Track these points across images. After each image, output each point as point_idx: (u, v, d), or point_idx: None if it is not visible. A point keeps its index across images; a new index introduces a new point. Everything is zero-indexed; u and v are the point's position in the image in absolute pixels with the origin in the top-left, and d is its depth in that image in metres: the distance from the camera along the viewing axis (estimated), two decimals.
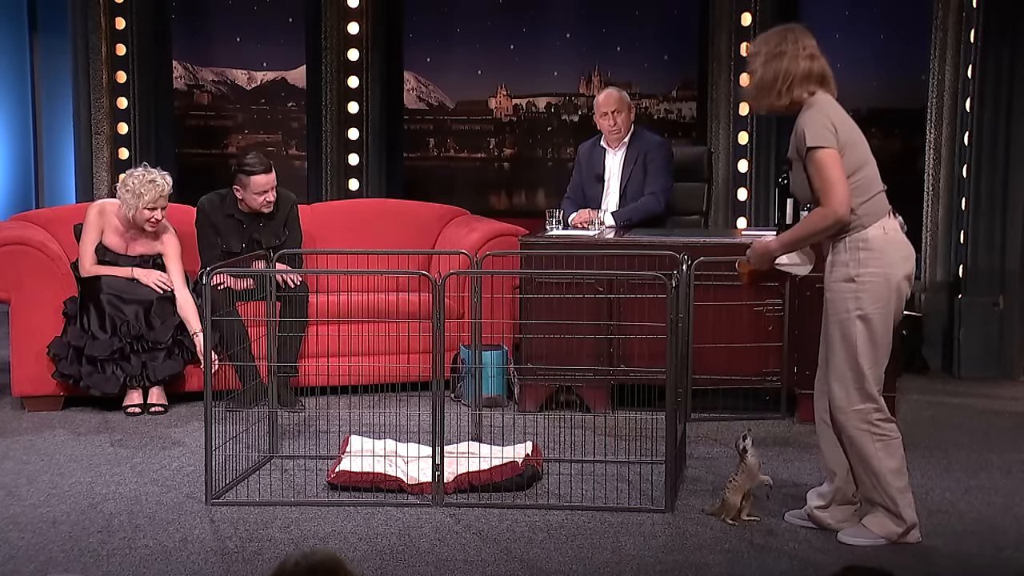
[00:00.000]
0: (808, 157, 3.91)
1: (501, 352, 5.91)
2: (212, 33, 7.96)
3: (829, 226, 3.92)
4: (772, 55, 4.01)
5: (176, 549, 4.01)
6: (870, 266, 3.94)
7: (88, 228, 5.84)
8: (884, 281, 3.95)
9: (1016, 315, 6.67)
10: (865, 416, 3.99)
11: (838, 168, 3.88)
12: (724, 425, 5.56)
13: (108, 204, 5.93)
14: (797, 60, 3.99)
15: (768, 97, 4.04)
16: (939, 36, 6.83)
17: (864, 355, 3.96)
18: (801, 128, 3.94)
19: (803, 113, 3.98)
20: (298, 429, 5.43)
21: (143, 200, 5.72)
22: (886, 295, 3.95)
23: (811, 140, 3.89)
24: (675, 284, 4.41)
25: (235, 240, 5.99)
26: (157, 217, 5.78)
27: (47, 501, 4.50)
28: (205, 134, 7.95)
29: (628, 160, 6.27)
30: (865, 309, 3.94)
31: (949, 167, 6.89)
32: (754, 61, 4.07)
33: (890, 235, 3.97)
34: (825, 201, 3.89)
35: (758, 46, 4.09)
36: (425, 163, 8.10)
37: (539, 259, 5.71)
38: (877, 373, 3.99)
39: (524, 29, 7.90)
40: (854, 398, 3.99)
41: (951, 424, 5.67)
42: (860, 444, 4.00)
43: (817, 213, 3.92)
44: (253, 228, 6.02)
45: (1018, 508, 4.47)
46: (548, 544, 4.07)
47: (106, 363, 5.68)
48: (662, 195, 6.22)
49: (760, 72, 4.04)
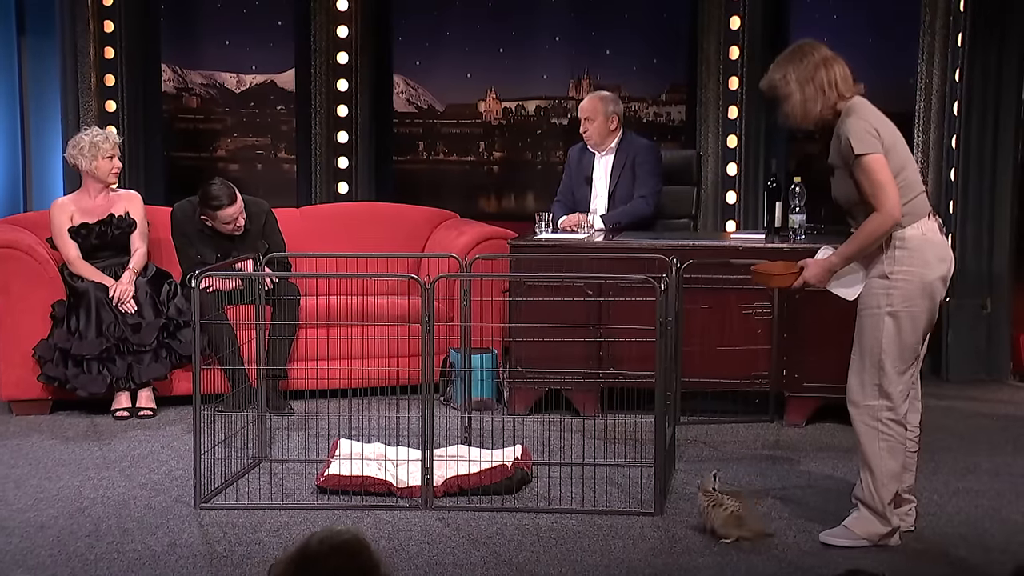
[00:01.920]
0: (856, 164, 3.91)
1: (490, 355, 5.91)
2: (201, 36, 7.94)
3: (887, 230, 3.92)
4: (805, 71, 4.01)
5: (165, 553, 4.00)
6: (904, 265, 3.95)
7: (57, 224, 5.92)
8: (918, 281, 3.95)
9: (1004, 318, 6.69)
10: (876, 413, 3.98)
11: (886, 171, 3.90)
12: (713, 428, 5.57)
13: (59, 199, 6.12)
14: (831, 67, 4.01)
15: (817, 110, 4.02)
16: (927, 40, 6.85)
17: (888, 352, 3.95)
18: (845, 136, 3.93)
19: (844, 120, 3.97)
20: (287, 432, 5.43)
21: (101, 150, 5.92)
22: (918, 295, 3.95)
23: (858, 147, 3.89)
24: (664, 287, 4.41)
25: (209, 252, 5.97)
26: (117, 166, 5.98)
27: (35, 505, 4.48)
28: (194, 137, 7.93)
29: (616, 164, 6.27)
30: (895, 306, 3.95)
31: (937, 170, 6.91)
32: (785, 85, 4.04)
33: (928, 236, 3.98)
34: (879, 205, 3.89)
35: (782, 70, 4.05)
36: (414, 166, 8.09)
37: (528, 262, 5.71)
38: (900, 371, 3.98)
39: (513, 32, 7.90)
40: (869, 393, 3.99)
41: (939, 427, 5.68)
42: (865, 440, 4.01)
43: (873, 220, 3.91)
44: (228, 244, 5.99)
45: (1006, 511, 4.48)
46: (537, 547, 4.07)
47: (92, 363, 5.68)
48: (651, 198, 6.23)
49: (799, 92, 4.01)
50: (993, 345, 6.69)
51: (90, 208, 5.98)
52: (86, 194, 6.01)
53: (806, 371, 5.60)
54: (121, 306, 5.73)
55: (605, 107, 6.24)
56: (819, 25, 7.33)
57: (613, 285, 5.48)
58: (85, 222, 5.93)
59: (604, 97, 6.31)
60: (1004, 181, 6.65)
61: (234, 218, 5.91)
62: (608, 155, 6.30)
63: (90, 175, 5.97)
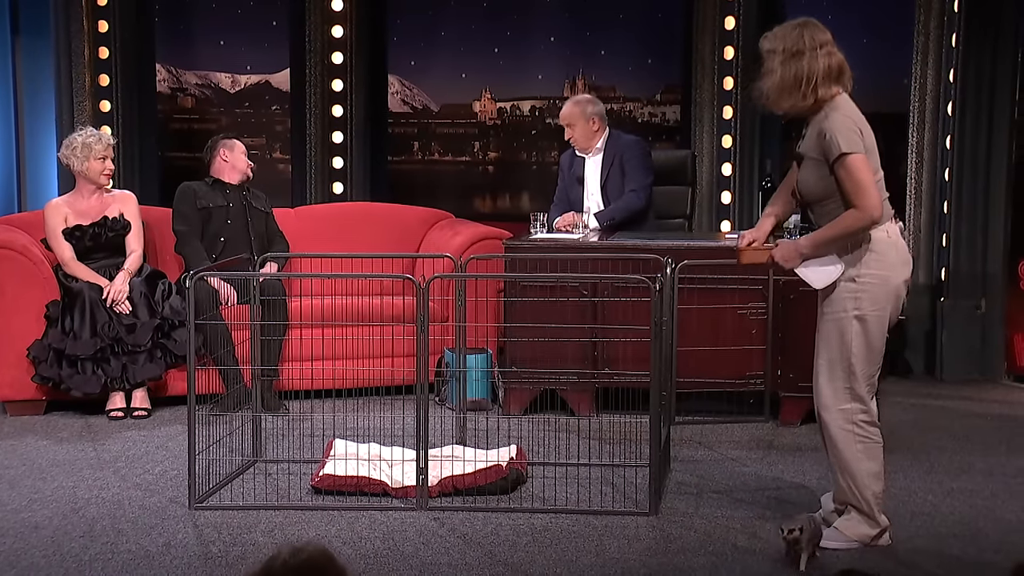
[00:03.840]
0: (839, 162, 3.88)
1: (485, 355, 5.91)
2: (196, 36, 7.94)
3: (863, 227, 3.91)
4: (791, 54, 3.95)
5: (159, 554, 3.99)
6: (872, 268, 3.95)
7: (51, 225, 5.92)
8: (883, 283, 3.96)
9: (998, 318, 6.70)
10: (850, 416, 4.00)
11: (868, 171, 3.90)
12: (708, 428, 5.57)
13: (53, 200, 6.12)
14: (817, 59, 3.95)
15: (791, 98, 3.98)
16: (921, 40, 6.86)
17: (858, 355, 3.96)
18: (830, 132, 3.90)
19: (829, 116, 3.94)
20: (282, 433, 5.42)
21: (94, 151, 5.93)
22: (884, 297, 3.96)
23: (844, 146, 3.87)
24: (659, 287, 4.42)
25: (220, 199, 6.19)
26: (110, 167, 5.98)
27: (29, 506, 4.48)
28: (189, 137, 7.92)
29: (604, 162, 6.29)
30: (863, 310, 3.95)
31: (931, 171, 6.92)
32: (771, 59, 4.00)
33: (892, 239, 3.98)
34: (859, 203, 3.87)
35: (774, 43, 4.01)
36: (409, 166, 8.09)
37: (523, 262, 5.71)
38: (869, 374, 3.99)
39: (508, 32, 7.90)
40: (842, 397, 3.99)
41: (933, 427, 5.69)
42: (842, 445, 4.01)
43: (851, 215, 3.89)
44: (237, 193, 6.26)
45: (1000, 510, 4.49)
46: (532, 547, 4.07)
47: (86, 364, 5.67)
48: (642, 191, 6.24)
49: (780, 72, 3.97)
50: (987, 345, 6.70)
51: (84, 210, 5.97)
52: (80, 195, 6.00)
53: (801, 371, 5.58)
54: (115, 307, 5.73)
55: (583, 110, 6.25)
56: None
57: (608, 285, 5.48)
58: (79, 224, 5.93)
59: (580, 101, 6.32)
60: (998, 181, 6.66)
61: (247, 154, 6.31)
62: (596, 155, 6.32)
63: (82, 176, 5.97)
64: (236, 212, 6.18)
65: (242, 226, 6.16)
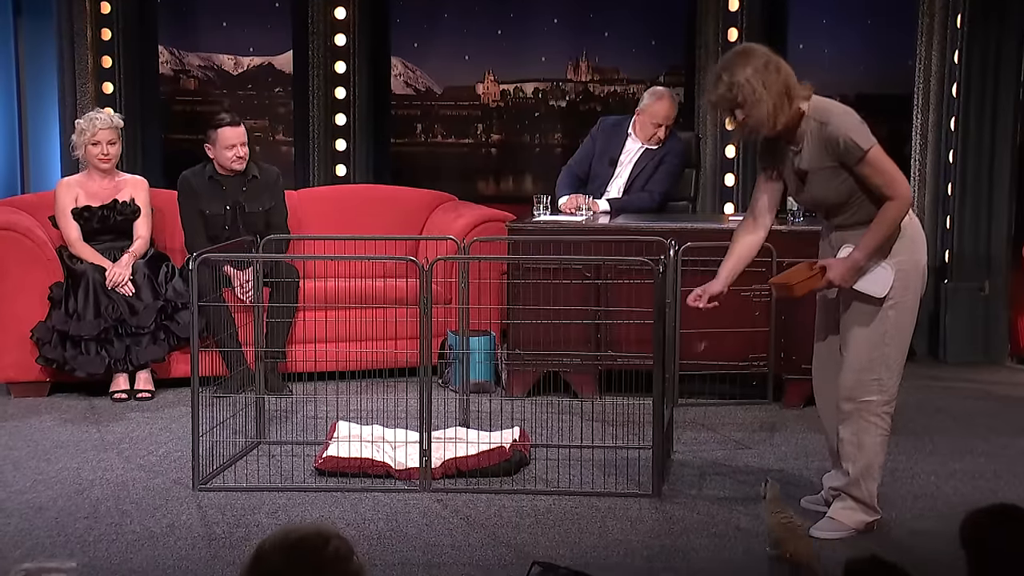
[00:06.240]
0: (864, 160, 3.79)
1: (489, 338, 5.91)
2: (198, 18, 7.91)
3: (904, 214, 3.84)
4: (769, 76, 3.80)
5: (163, 535, 4.01)
6: (904, 253, 3.89)
7: (61, 204, 5.90)
8: (915, 267, 3.91)
9: (1001, 300, 6.69)
10: (875, 408, 3.94)
11: (889, 159, 3.84)
12: (711, 410, 5.58)
13: (65, 179, 6.09)
14: (780, 65, 3.84)
15: (784, 113, 3.83)
16: (925, 21, 6.83)
17: (892, 344, 3.90)
18: (843, 136, 3.79)
19: (830, 121, 3.82)
20: (285, 415, 5.43)
21: (86, 136, 5.90)
22: (916, 280, 3.92)
23: (863, 143, 3.79)
24: (662, 269, 4.41)
25: (217, 203, 5.99)
26: (104, 152, 5.91)
27: (33, 487, 4.49)
28: (192, 119, 7.90)
29: (647, 156, 6.26)
30: (896, 297, 3.87)
31: (935, 152, 6.90)
32: (748, 88, 3.79)
33: (915, 221, 3.95)
34: (894, 193, 3.80)
35: (738, 74, 3.80)
36: (412, 149, 8.07)
37: (527, 245, 5.71)
38: (901, 363, 3.94)
39: (511, 14, 7.87)
40: (870, 389, 3.92)
41: (937, 408, 5.69)
42: (862, 436, 3.95)
43: (891, 207, 3.79)
44: (235, 192, 6.02)
45: (1003, 492, 4.49)
46: (535, 529, 4.07)
47: (90, 345, 5.68)
48: (657, 196, 6.25)
49: (767, 92, 3.79)
50: (991, 327, 6.69)
51: (95, 191, 5.96)
52: (91, 176, 5.99)
53: (804, 353, 5.56)
54: (117, 288, 5.73)
55: (675, 114, 6.32)
56: (818, 7, 7.31)
57: (611, 267, 5.48)
58: (88, 205, 5.92)
59: (675, 102, 6.35)
60: (1003, 163, 6.65)
61: (235, 143, 5.94)
62: (645, 144, 6.28)
63: (84, 160, 5.98)
64: (230, 218, 6.00)
65: (236, 233, 5.90)
